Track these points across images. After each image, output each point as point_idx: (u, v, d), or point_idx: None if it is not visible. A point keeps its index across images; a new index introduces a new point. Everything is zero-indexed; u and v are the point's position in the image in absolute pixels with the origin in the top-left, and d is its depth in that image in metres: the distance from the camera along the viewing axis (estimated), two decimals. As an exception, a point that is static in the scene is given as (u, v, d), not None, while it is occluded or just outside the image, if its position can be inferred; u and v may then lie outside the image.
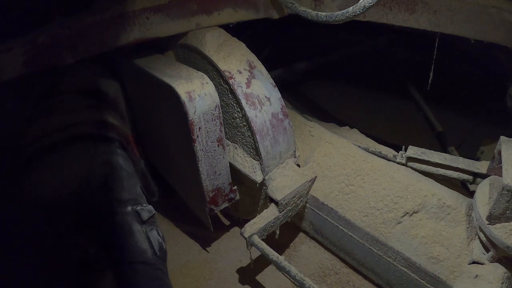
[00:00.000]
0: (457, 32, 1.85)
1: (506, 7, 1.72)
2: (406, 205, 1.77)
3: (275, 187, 1.91)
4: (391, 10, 1.94)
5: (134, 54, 2.01)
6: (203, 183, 1.87)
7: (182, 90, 1.70)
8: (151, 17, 1.84)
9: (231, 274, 2.10)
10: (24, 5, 1.62)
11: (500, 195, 1.43)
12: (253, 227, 1.84)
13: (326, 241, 2.10)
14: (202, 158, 1.81)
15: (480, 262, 1.58)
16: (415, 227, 1.73)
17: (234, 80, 1.84)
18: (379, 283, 1.94)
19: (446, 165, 1.94)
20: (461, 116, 3.10)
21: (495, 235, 1.47)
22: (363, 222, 1.83)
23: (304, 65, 3.53)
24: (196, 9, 1.94)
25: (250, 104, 1.85)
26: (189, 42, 1.97)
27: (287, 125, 1.97)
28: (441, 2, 1.82)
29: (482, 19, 1.77)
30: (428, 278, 1.66)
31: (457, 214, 1.69)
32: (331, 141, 2.07)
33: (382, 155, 2.04)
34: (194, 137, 1.74)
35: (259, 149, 1.87)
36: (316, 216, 2.03)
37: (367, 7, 1.49)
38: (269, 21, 2.23)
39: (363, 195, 1.87)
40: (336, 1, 2.01)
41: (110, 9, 1.75)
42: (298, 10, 1.87)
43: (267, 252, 1.79)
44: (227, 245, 2.26)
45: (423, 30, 1.92)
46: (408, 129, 3.08)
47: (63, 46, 1.69)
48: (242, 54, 1.94)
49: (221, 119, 1.81)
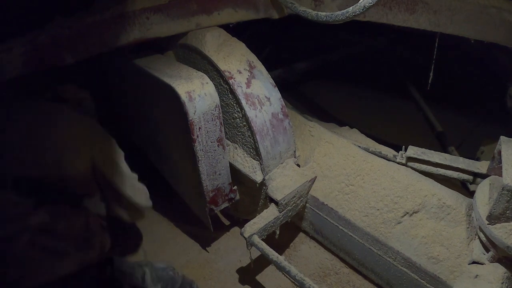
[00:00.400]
0: (457, 32, 1.85)
1: (506, 7, 1.72)
2: (406, 205, 1.77)
3: (275, 187, 1.91)
4: (391, 10, 1.94)
5: (134, 54, 2.01)
6: (203, 183, 1.87)
7: (182, 90, 1.70)
8: (151, 17, 1.84)
9: (231, 274, 2.10)
10: (24, 5, 1.62)
11: (500, 195, 1.43)
12: (253, 227, 1.84)
13: (326, 241, 2.10)
14: (202, 158, 1.81)
15: (480, 262, 1.58)
16: (415, 227, 1.73)
17: (234, 80, 1.84)
18: (379, 283, 1.94)
19: (446, 165, 1.94)
20: (461, 116, 3.10)
21: (495, 235, 1.47)
22: (363, 222, 1.83)
23: (304, 65, 3.53)
24: (196, 9, 1.94)
25: (250, 104, 1.85)
26: (189, 42, 1.97)
27: (287, 125, 1.97)
28: (441, 2, 1.82)
29: (482, 19, 1.77)
30: (428, 278, 1.66)
31: (457, 214, 1.69)
32: (331, 141, 2.07)
33: (382, 155, 2.04)
34: (194, 137, 1.74)
35: (259, 149, 1.87)
36: (316, 216, 2.03)
37: (367, 7, 1.49)
38: (269, 21, 2.23)
39: (363, 195, 1.87)
40: (336, 1, 2.01)
41: (110, 9, 1.75)
42: (298, 10, 1.87)
43: (267, 252, 1.79)
44: (227, 245, 2.26)
45: (423, 30, 1.92)
46: (408, 129, 3.08)
47: (63, 46, 1.69)
48: (242, 54, 1.94)
49: (221, 119, 1.81)
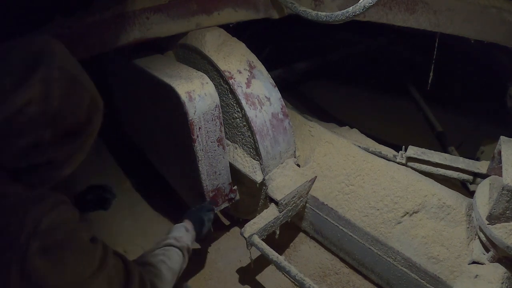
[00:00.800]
0: (457, 32, 1.85)
1: (506, 7, 1.72)
2: (406, 205, 1.77)
3: (275, 187, 1.91)
4: (391, 10, 1.94)
5: (134, 54, 2.01)
6: (203, 183, 1.87)
7: (182, 90, 1.70)
8: (151, 17, 1.84)
9: (231, 274, 2.10)
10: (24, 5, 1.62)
11: (500, 195, 1.43)
12: (253, 227, 1.84)
13: (326, 241, 2.10)
14: (202, 158, 1.81)
15: (480, 262, 1.58)
16: (415, 227, 1.73)
17: (234, 80, 1.84)
18: (379, 283, 1.94)
19: (446, 165, 1.94)
20: (461, 116, 3.10)
21: (495, 235, 1.47)
22: (363, 222, 1.83)
23: (304, 65, 3.53)
24: (196, 9, 1.94)
25: (250, 104, 1.85)
26: (189, 42, 1.97)
27: (287, 125, 1.97)
28: (441, 2, 1.82)
29: (482, 19, 1.77)
30: (428, 278, 1.66)
31: (457, 214, 1.69)
32: (331, 141, 2.07)
33: (382, 155, 2.04)
34: (194, 137, 1.74)
35: (259, 149, 1.87)
36: (316, 216, 2.03)
37: (367, 7, 1.49)
38: (269, 21, 2.23)
39: (363, 195, 1.87)
40: (336, 1, 2.01)
41: (110, 9, 1.74)
42: (298, 10, 1.87)
43: (267, 252, 1.79)
44: (227, 245, 2.26)
45: (423, 30, 1.92)
46: (408, 129, 3.08)
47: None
48: (242, 54, 1.94)
49: (221, 119, 1.81)
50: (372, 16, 1.99)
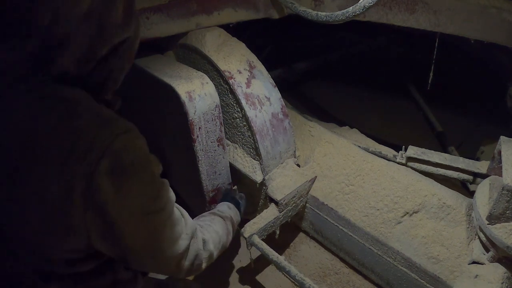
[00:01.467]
0: (457, 32, 1.85)
1: (506, 7, 1.72)
2: (406, 205, 1.77)
3: (275, 187, 1.91)
4: (391, 10, 1.94)
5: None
6: (203, 183, 1.87)
7: (182, 90, 1.70)
8: (151, 17, 1.83)
9: (231, 274, 2.10)
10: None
11: (500, 195, 1.43)
12: (253, 227, 1.84)
13: (326, 241, 2.10)
14: (202, 158, 1.81)
15: (480, 262, 1.58)
16: (415, 227, 1.73)
17: (234, 80, 1.84)
18: (379, 283, 1.94)
19: (446, 165, 1.94)
20: (461, 116, 3.10)
21: (495, 235, 1.47)
22: (363, 222, 1.83)
23: (304, 65, 3.53)
24: (196, 9, 1.94)
25: (250, 104, 1.85)
26: (189, 42, 1.97)
27: (287, 125, 1.97)
28: (441, 2, 1.82)
29: (482, 19, 1.77)
30: (428, 278, 1.66)
31: (457, 214, 1.69)
32: (331, 141, 2.07)
33: (382, 155, 2.04)
34: (194, 137, 1.74)
35: (259, 149, 1.87)
36: (316, 216, 2.03)
37: (367, 7, 1.49)
38: (269, 21, 2.23)
39: (363, 195, 1.87)
40: (336, 1, 2.01)
41: (110, 9, 1.75)
42: (298, 10, 1.87)
43: (267, 252, 1.79)
44: (227, 245, 2.26)
45: (423, 30, 1.92)
46: (408, 129, 3.08)
47: (63, 46, 1.69)
48: (242, 54, 1.94)
49: (221, 119, 1.81)
50: (372, 16, 1.99)
